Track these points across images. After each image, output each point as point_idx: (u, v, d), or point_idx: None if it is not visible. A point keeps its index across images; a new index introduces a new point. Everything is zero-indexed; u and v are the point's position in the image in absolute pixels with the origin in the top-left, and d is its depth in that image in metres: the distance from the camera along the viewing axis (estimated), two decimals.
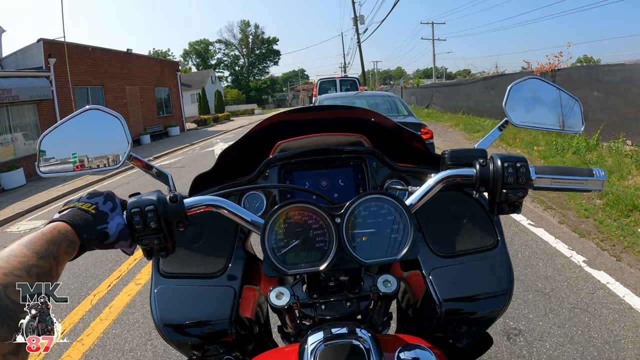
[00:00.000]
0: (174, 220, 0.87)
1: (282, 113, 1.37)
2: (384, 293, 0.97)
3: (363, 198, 0.91)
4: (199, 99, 39.98)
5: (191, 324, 1.08)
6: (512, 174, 0.92)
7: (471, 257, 1.15)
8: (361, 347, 0.83)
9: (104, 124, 0.99)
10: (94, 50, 19.96)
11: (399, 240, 0.91)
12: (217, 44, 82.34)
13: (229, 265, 1.17)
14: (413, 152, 1.39)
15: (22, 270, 0.61)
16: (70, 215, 0.78)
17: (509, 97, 1.10)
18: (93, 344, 3.43)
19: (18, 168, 12.98)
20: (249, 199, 1.29)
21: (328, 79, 18.79)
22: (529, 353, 2.85)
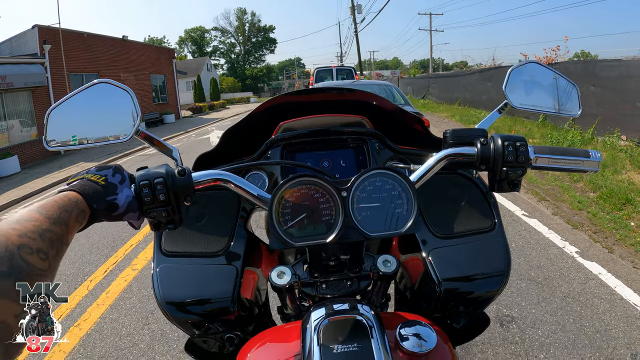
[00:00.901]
0: (182, 194, 0.88)
1: (285, 95, 1.38)
2: (383, 272, 1.00)
3: (369, 172, 0.93)
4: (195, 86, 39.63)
5: (193, 301, 1.09)
6: (512, 153, 0.95)
7: (469, 238, 1.17)
8: (364, 322, 0.85)
9: (113, 98, 1.00)
10: (89, 36, 19.76)
11: (402, 215, 0.93)
12: (213, 31, 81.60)
13: (231, 244, 1.18)
14: (414, 135, 1.40)
15: (36, 233, 0.62)
16: (80, 185, 0.79)
17: (509, 80, 1.13)
18: (90, 329, 3.45)
19: (13, 155, 12.89)
20: (252, 179, 1.30)
21: (325, 68, 18.81)
22: (521, 340, 2.90)
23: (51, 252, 0.63)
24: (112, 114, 1.00)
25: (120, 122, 1.00)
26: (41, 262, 0.60)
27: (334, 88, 1.45)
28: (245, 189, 0.96)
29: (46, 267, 0.61)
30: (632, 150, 7.87)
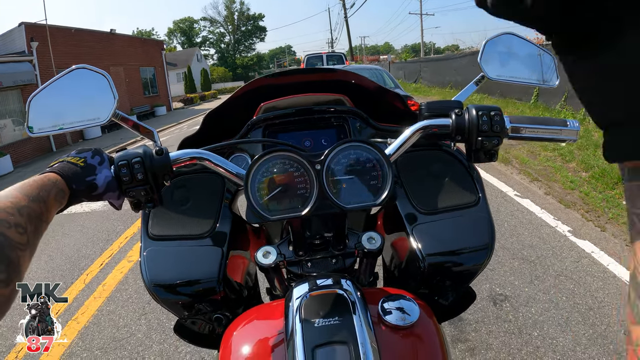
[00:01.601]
0: (160, 172, 0.89)
1: (265, 77, 1.38)
2: (368, 250, 1.00)
3: (342, 146, 0.94)
4: (185, 77, 39.37)
5: (180, 283, 1.10)
6: (487, 122, 0.95)
7: (453, 213, 1.18)
8: (346, 297, 0.85)
9: (91, 83, 1.02)
10: (77, 31, 19.55)
11: (378, 187, 0.95)
12: (202, 21, 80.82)
13: (217, 225, 1.18)
14: (394, 112, 1.41)
15: (14, 209, 0.63)
16: (59, 167, 0.80)
17: (484, 51, 1.13)
18: (88, 322, 3.47)
19: (5, 155, 12.78)
20: (235, 161, 1.30)
21: (315, 55, 18.84)
22: (514, 318, 2.93)
23: (29, 228, 0.63)
24: (91, 98, 1.02)
25: (99, 105, 1.02)
26: (19, 236, 0.60)
27: (313, 69, 1.45)
28: (223, 166, 0.97)
29: (24, 241, 0.61)
30: None
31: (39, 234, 0.67)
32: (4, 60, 14.66)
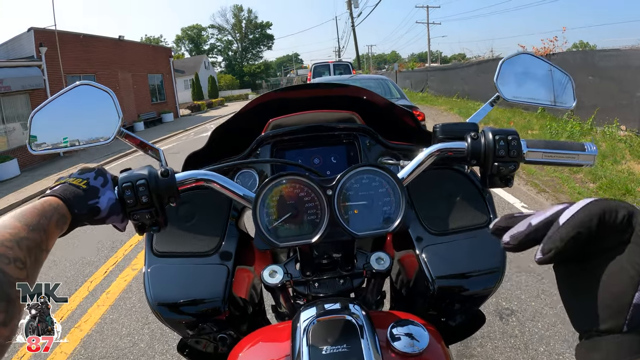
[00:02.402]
0: (166, 195, 0.86)
1: (274, 91, 1.37)
2: (377, 270, 0.99)
3: (354, 170, 0.91)
4: (193, 84, 39.62)
5: (185, 302, 1.08)
6: (504, 147, 0.92)
7: (464, 234, 1.15)
8: (354, 322, 0.83)
9: (94, 100, 0.98)
10: (86, 37, 19.69)
11: (390, 213, 0.91)
12: (210, 29, 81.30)
13: (222, 243, 1.16)
14: (405, 130, 1.39)
15: (13, 242, 0.61)
16: (61, 190, 0.78)
17: (500, 72, 1.10)
18: (91, 330, 3.46)
19: (12, 159, 12.84)
20: (242, 178, 1.29)
21: (322, 64, 18.98)
22: (521, 333, 2.89)
23: (29, 261, 0.62)
24: (94, 115, 0.99)
25: (103, 123, 0.99)
26: (19, 272, 0.59)
27: (323, 84, 1.43)
28: (230, 188, 0.94)
29: (24, 276, 0.60)
30: (632, 140, 7.86)
31: (39, 265, 0.65)
32: (12, 65, 14.80)
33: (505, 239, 0.51)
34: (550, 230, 0.46)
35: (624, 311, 0.42)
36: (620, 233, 0.44)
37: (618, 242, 0.44)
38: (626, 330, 0.43)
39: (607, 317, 0.44)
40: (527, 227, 0.49)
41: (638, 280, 0.42)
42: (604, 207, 0.44)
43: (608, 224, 0.43)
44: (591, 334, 0.45)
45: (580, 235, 0.44)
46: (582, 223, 0.44)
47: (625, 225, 0.43)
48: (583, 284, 0.46)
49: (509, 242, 0.51)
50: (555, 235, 0.45)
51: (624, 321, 0.43)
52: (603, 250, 0.45)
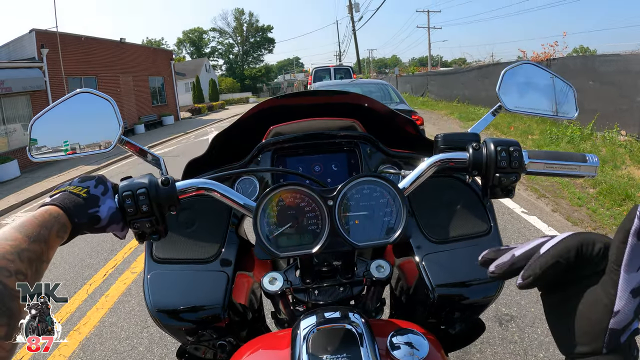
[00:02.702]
0: (166, 204, 0.86)
1: (275, 98, 1.37)
2: (377, 278, 0.98)
3: (355, 181, 0.91)
4: (193, 87, 39.65)
5: (184, 309, 1.07)
6: (505, 158, 0.91)
7: (464, 243, 1.15)
8: (354, 331, 0.83)
9: (94, 108, 0.98)
10: (87, 39, 19.74)
11: (391, 223, 0.91)
12: (211, 32, 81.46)
13: (222, 250, 1.16)
14: (406, 138, 1.38)
15: (14, 254, 0.61)
16: (61, 199, 0.78)
17: (502, 81, 1.09)
18: (90, 333, 3.45)
19: (12, 160, 12.84)
20: (242, 184, 1.29)
21: (323, 68, 19.12)
22: (520, 339, 2.89)
23: (30, 272, 0.62)
24: (94, 123, 0.99)
25: (103, 131, 0.98)
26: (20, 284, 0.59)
27: (324, 91, 1.43)
28: (231, 197, 0.94)
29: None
30: (632, 145, 7.86)
31: (40, 277, 0.66)
32: (14, 66, 14.84)
33: (491, 269, 0.56)
34: (531, 260, 0.51)
35: (601, 335, 0.47)
36: (596, 264, 0.48)
37: (594, 272, 0.48)
38: (605, 352, 0.47)
39: (587, 341, 0.48)
40: (511, 257, 0.54)
41: (611, 309, 0.46)
42: (582, 240, 0.49)
43: (585, 256, 0.48)
44: (574, 356, 0.50)
45: (559, 265, 0.49)
46: (561, 254, 0.48)
47: (600, 257, 0.48)
48: (565, 311, 0.51)
49: (494, 271, 0.55)
50: (535, 264, 0.50)
51: (602, 344, 0.47)
52: (581, 279, 0.49)
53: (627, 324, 0.46)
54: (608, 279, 0.46)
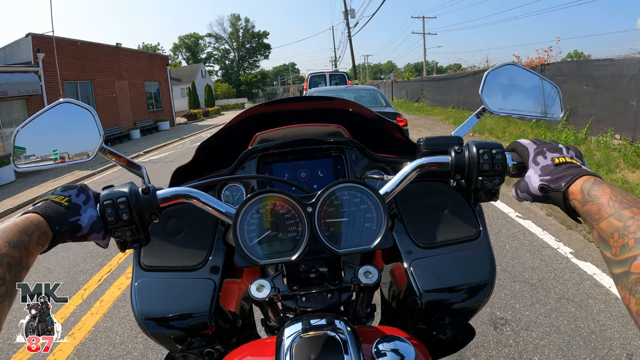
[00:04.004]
0: (147, 212, 0.86)
1: (261, 105, 1.36)
2: (365, 284, 0.97)
3: (335, 187, 0.90)
4: (189, 93, 39.68)
5: (172, 317, 1.07)
6: (488, 161, 0.90)
7: (453, 247, 1.14)
8: (338, 338, 0.82)
9: (77, 117, 0.98)
10: (83, 44, 19.76)
11: (372, 229, 0.91)
12: (207, 37, 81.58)
13: (210, 257, 1.16)
14: (393, 143, 1.38)
15: None
16: (43, 207, 0.78)
17: (485, 84, 1.08)
18: (84, 338, 3.44)
19: (8, 164, 12.79)
20: (229, 191, 1.28)
21: (318, 74, 19.20)
22: (515, 342, 2.89)
23: (9, 277, 0.62)
24: (77, 133, 0.99)
25: (85, 141, 0.98)
26: None
27: (310, 97, 1.43)
28: (211, 205, 0.94)
29: (3, 293, 0.61)
30: (626, 149, 7.91)
31: (19, 281, 0.66)
32: (10, 70, 14.83)
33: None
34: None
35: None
36: None
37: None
38: None
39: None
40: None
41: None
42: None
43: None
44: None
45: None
46: None
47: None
48: None
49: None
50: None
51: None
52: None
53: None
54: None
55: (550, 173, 0.83)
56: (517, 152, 0.93)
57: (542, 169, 0.85)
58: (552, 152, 0.87)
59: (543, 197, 0.84)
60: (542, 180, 0.83)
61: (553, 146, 0.88)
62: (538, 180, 0.84)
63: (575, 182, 0.77)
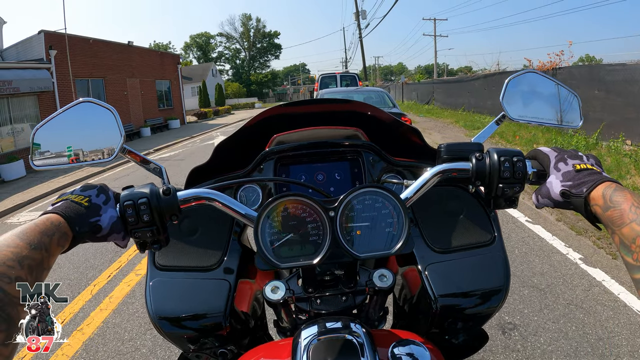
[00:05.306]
0: (167, 213, 0.86)
1: (279, 106, 1.37)
2: (379, 287, 0.97)
3: (357, 192, 0.90)
4: (200, 92, 39.77)
5: (186, 317, 1.07)
6: (509, 169, 0.90)
7: (468, 252, 1.14)
8: (355, 341, 0.82)
9: (97, 117, 0.98)
10: (95, 42, 19.86)
11: (393, 234, 0.90)
12: (218, 37, 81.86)
13: (225, 258, 1.16)
14: (410, 147, 1.38)
15: (15, 261, 0.61)
16: (63, 207, 0.78)
17: (506, 90, 1.08)
18: (93, 333, 3.47)
19: (18, 159, 12.92)
20: (245, 192, 1.29)
21: (329, 75, 19.22)
22: (523, 347, 2.88)
23: (30, 279, 0.62)
24: (97, 132, 0.99)
25: (105, 140, 0.98)
26: (20, 291, 0.60)
27: (328, 99, 1.43)
28: (232, 207, 0.94)
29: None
30: (637, 155, 7.83)
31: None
32: (22, 67, 14.95)
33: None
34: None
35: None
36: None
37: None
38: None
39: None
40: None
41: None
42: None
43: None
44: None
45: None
46: None
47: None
48: None
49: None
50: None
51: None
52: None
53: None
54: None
55: (572, 179, 0.84)
56: (538, 159, 0.94)
57: (563, 175, 0.86)
58: (573, 159, 0.87)
59: (564, 202, 0.85)
60: (563, 186, 0.84)
61: (574, 154, 0.89)
62: (560, 186, 0.85)
63: (597, 188, 0.78)
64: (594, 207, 0.79)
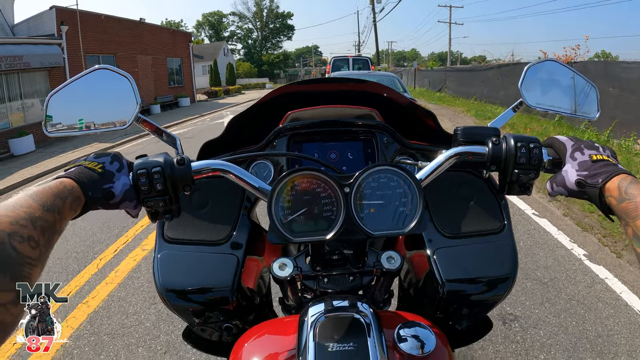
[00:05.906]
0: (181, 183, 0.86)
1: (294, 83, 1.36)
2: (387, 269, 0.98)
3: (373, 169, 0.89)
4: (211, 70, 39.57)
5: (193, 290, 1.07)
6: (525, 155, 0.89)
7: (477, 239, 1.14)
8: (362, 321, 0.83)
9: (113, 84, 0.97)
10: (107, 18, 19.78)
11: (407, 214, 0.89)
12: (230, 16, 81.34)
13: (234, 233, 1.16)
14: (425, 130, 1.37)
15: (28, 220, 0.61)
16: (76, 172, 0.77)
17: (525, 77, 1.07)
18: (98, 306, 3.52)
19: (28, 134, 13.01)
20: (257, 168, 1.28)
21: (342, 57, 19.05)
22: (523, 339, 2.90)
23: (42, 240, 0.62)
24: (112, 100, 0.98)
25: (121, 108, 0.98)
26: (31, 250, 0.59)
27: (343, 78, 1.42)
28: (246, 180, 0.93)
29: (37, 256, 0.60)
30: None
31: (51, 246, 0.66)
32: (33, 42, 14.92)
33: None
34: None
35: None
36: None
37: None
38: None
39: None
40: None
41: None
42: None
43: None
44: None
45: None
46: None
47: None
48: None
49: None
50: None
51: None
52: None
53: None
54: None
55: (588, 169, 0.84)
56: (554, 147, 0.94)
57: (579, 165, 0.86)
58: (590, 149, 0.88)
59: (579, 192, 0.86)
60: (579, 176, 0.85)
61: (590, 144, 0.89)
62: (575, 175, 0.85)
63: (612, 180, 0.78)
64: (608, 198, 0.79)
